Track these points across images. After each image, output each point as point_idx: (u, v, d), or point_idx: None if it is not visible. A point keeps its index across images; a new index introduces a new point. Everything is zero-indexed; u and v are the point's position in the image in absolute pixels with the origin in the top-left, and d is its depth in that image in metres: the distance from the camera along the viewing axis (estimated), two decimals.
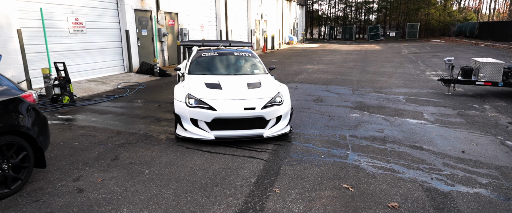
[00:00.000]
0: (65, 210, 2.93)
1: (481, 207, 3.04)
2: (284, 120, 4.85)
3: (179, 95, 4.77)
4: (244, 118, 4.56)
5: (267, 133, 4.67)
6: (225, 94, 4.78)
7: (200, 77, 5.41)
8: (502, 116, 6.10)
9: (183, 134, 4.62)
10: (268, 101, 4.73)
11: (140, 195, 3.22)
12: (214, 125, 4.52)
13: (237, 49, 6.41)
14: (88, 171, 3.72)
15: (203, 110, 4.52)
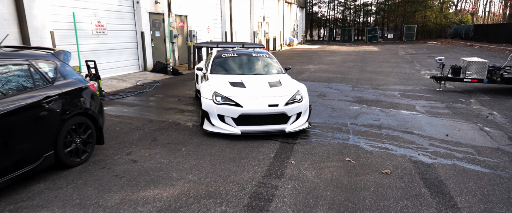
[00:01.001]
0: (128, 173, 3.71)
1: (456, 173, 3.83)
2: (303, 116, 5.19)
3: (206, 93, 5.10)
4: (268, 114, 4.89)
5: (289, 128, 5.00)
6: (249, 92, 5.12)
7: (224, 76, 5.75)
8: (484, 108, 6.91)
9: (210, 129, 4.97)
10: (289, 98, 5.05)
11: (183, 164, 3.99)
12: (240, 120, 4.86)
13: (254, 50, 6.80)
14: (136, 148, 4.50)
15: (230, 106, 4.87)
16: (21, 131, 3.12)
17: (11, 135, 3.03)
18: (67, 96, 3.66)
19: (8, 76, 3.20)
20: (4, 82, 3.14)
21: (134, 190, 3.35)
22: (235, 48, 7.14)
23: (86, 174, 3.68)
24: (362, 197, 3.28)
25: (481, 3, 50.06)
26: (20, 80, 3.29)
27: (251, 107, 4.87)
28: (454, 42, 31.49)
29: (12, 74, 3.25)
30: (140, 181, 3.55)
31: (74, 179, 3.55)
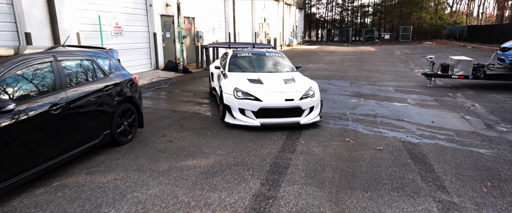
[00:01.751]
0: (168, 149, 4.52)
1: (437, 150, 4.67)
2: (316, 110, 5.70)
3: (227, 89, 5.56)
4: (284, 108, 5.38)
5: (303, 120, 5.49)
6: (267, 88, 5.58)
7: (242, 74, 6.23)
8: (468, 100, 7.77)
9: (232, 122, 5.44)
10: (303, 94, 5.54)
11: (211, 143, 4.81)
12: (259, 113, 5.35)
13: (267, 50, 7.35)
14: (168, 132, 5.31)
15: (250, 101, 5.34)
16: (89, 112, 3.92)
17: (84, 115, 3.84)
18: (118, 86, 4.48)
19: (79, 69, 4.00)
20: (77, 73, 3.94)
21: (176, 160, 4.16)
22: (247, 48, 7.86)
23: (135, 150, 4.49)
24: (359, 165, 4.11)
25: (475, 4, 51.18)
26: (87, 72, 4.10)
27: (270, 101, 5.36)
28: (448, 42, 32.46)
29: (82, 67, 4.05)
30: (179, 154, 4.36)
31: (126, 153, 4.36)
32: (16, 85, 3.16)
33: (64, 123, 3.54)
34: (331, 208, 3.10)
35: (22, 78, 3.24)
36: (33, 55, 3.42)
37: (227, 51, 7.46)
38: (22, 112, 3.07)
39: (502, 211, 3.07)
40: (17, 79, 3.18)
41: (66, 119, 3.56)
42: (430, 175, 3.84)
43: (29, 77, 3.31)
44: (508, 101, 7.55)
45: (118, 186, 3.46)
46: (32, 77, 3.35)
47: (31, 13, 7.51)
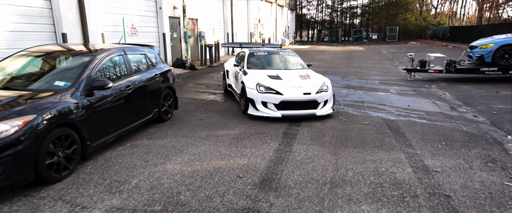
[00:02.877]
0: (201, 124, 5.76)
1: (409, 124, 6.03)
2: (329, 103, 6.31)
3: (250, 84, 6.13)
4: (302, 101, 5.97)
5: (319, 112, 6.10)
6: (286, 83, 6.13)
7: (261, 71, 6.79)
8: (440, 90, 9.21)
9: (255, 113, 6.01)
10: (319, 88, 6.11)
11: (233, 121, 6.07)
12: (280, 106, 5.91)
13: (280, 50, 8.06)
14: (196, 113, 6.55)
15: (272, 94, 5.89)
16: (146, 94, 5.15)
17: (145, 95, 5.06)
18: (162, 74, 5.70)
19: (138, 61, 5.22)
20: (137, 64, 5.16)
21: (211, 130, 5.42)
22: (259, 48, 8.36)
23: (176, 124, 5.73)
24: (350, 133, 5.43)
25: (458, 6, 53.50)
26: (143, 64, 5.33)
27: (290, 95, 5.91)
28: (432, 42, 34.34)
29: (139, 60, 5.28)
30: (211, 127, 5.62)
31: (170, 127, 5.60)
32: (107, 71, 4.38)
33: (132, 100, 4.76)
34: (331, 157, 4.41)
35: (109, 66, 4.46)
36: (113, 50, 4.65)
37: (243, 50, 8.10)
38: (113, 89, 4.30)
39: (448, 157, 4.43)
40: (107, 66, 4.40)
41: (134, 97, 4.79)
42: (402, 139, 5.19)
43: (113, 65, 4.53)
44: (472, 90, 9.02)
45: (175, 146, 4.70)
46: (114, 65, 4.57)
47: (66, 16, 8.64)
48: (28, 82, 4.01)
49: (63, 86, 3.83)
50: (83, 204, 3.10)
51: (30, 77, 4.16)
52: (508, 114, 6.50)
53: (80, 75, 3.95)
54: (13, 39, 7.59)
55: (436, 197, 3.31)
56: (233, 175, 3.76)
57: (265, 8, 28.71)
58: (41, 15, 8.21)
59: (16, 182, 3.07)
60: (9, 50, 7.48)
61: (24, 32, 7.84)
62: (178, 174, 3.77)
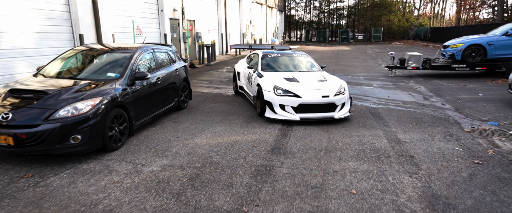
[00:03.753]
0: (214, 111, 6.80)
1: (388, 110, 7.21)
2: (346, 106, 6.18)
3: (267, 86, 6.00)
4: (321, 103, 5.85)
5: (337, 115, 5.98)
6: (303, 85, 6.03)
7: (276, 73, 6.66)
8: (417, 84, 10.47)
9: (273, 116, 5.89)
10: (336, 91, 6.01)
11: (240, 109, 7.12)
12: (298, 109, 5.81)
13: (294, 51, 8.03)
14: (207, 103, 7.58)
15: (290, 97, 5.79)
16: (170, 85, 6.14)
17: (169, 86, 6.06)
18: (180, 69, 6.71)
19: (163, 57, 6.22)
20: (162, 60, 6.16)
21: (223, 116, 6.46)
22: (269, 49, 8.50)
23: (192, 112, 6.75)
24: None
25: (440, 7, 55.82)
26: (165, 60, 6.32)
27: (309, 97, 5.82)
28: (414, 42, 36.11)
29: (164, 56, 6.27)
30: (223, 114, 6.66)
31: (188, 113, 6.61)
32: (142, 65, 5.37)
33: (160, 90, 5.75)
34: (324, 133, 5.51)
35: (144, 61, 5.45)
36: (145, 48, 5.64)
37: (255, 52, 8.05)
38: (148, 80, 5.30)
39: (416, 133, 5.59)
40: (143, 61, 5.40)
41: (161, 87, 5.78)
42: (381, 121, 6.34)
43: (146, 61, 5.53)
44: (443, 84, 10.32)
45: (197, 127, 5.72)
46: (147, 61, 5.57)
47: (83, 19, 9.52)
48: (86, 74, 4.98)
49: (114, 76, 4.82)
50: (142, 163, 4.10)
51: (86, 69, 5.12)
52: (470, 103, 7.76)
53: (125, 68, 4.94)
54: (39, 39, 8.44)
55: (404, 157, 4.45)
56: (249, 145, 4.82)
57: (256, 10, 29.81)
58: (61, 18, 9.08)
59: (91, 147, 4.06)
60: (36, 49, 8.36)
61: (48, 33, 8.70)
62: (206, 145, 4.81)
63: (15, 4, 7.81)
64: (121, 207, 3.08)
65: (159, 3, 13.88)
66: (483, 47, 10.90)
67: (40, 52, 8.41)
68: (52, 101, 3.97)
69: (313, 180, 3.70)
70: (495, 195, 3.39)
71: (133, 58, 5.17)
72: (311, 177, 3.78)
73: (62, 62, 5.32)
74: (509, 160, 4.32)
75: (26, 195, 3.28)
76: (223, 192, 3.40)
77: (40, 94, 4.09)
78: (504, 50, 10.62)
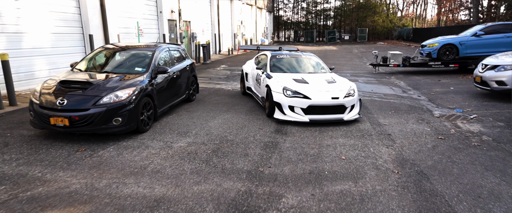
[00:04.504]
0: (220, 102, 7.70)
1: (371, 101, 8.26)
2: (356, 108, 6.15)
3: (276, 87, 6.00)
4: (330, 105, 5.82)
5: (346, 117, 5.94)
6: (313, 87, 5.98)
7: (285, 74, 6.63)
8: (397, 80, 11.62)
9: (282, 118, 5.88)
10: (346, 93, 5.98)
11: (242, 101, 8.04)
12: (307, 110, 5.78)
13: (303, 53, 8.00)
14: (212, 97, 8.47)
15: (300, 99, 5.76)
16: (183, 79, 7.01)
17: (182, 80, 6.94)
18: (190, 66, 7.59)
19: (176, 54, 7.09)
20: (175, 57, 7.03)
21: (228, 106, 7.37)
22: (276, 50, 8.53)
23: (201, 103, 7.64)
24: None
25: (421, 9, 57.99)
26: (179, 57, 7.19)
27: (318, 99, 5.78)
28: (397, 42, 37.73)
29: (176, 54, 7.14)
30: (228, 105, 7.57)
31: (197, 104, 7.50)
32: (162, 61, 6.24)
33: (175, 83, 6.62)
34: None
35: (162, 58, 6.32)
36: (163, 47, 6.51)
37: (264, 53, 8.06)
38: (169, 73, 6.17)
39: (394, 118, 6.64)
40: (162, 58, 6.27)
41: (176, 81, 6.66)
42: (365, 109, 7.37)
43: (164, 58, 6.40)
44: (421, 80, 11.50)
45: (208, 114, 6.63)
46: (165, 57, 6.44)
47: (92, 20, 10.26)
48: (117, 68, 5.82)
49: (141, 70, 5.68)
50: (170, 141, 4.99)
51: (116, 65, 5.96)
52: (442, 94, 8.90)
53: (150, 63, 5.80)
54: (55, 39, 9.17)
55: (382, 135, 5.47)
56: (256, 128, 5.76)
57: (246, 11, 30.74)
58: (73, 20, 9.81)
59: (128, 128, 4.92)
60: (53, 48, 9.09)
61: (62, 34, 9.42)
62: (220, 128, 5.72)
63: (35, 7, 8.52)
64: (165, 169, 3.97)
65: (158, 5, 14.66)
66: (455, 46, 12.13)
67: (56, 51, 9.14)
68: (97, 90, 4.82)
69: (311, 151, 4.67)
70: (449, 158, 4.44)
71: (155, 55, 6.04)
72: (309, 149, 4.75)
73: (93, 59, 6.15)
74: (465, 136, 5.40)
75: (87, 162, 4.13)
76: (241, 159, 4.33)
77: (85, 85, 4.94)
78: (474, 49, 11.88)
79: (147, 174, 3.84)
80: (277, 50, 8.33)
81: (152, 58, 5.93)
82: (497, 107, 7.27)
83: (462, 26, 26.81)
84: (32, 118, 4.87)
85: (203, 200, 3.26)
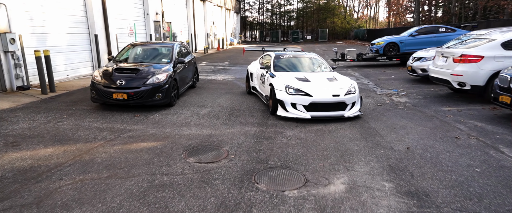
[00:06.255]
0: (217, 88, 9.77)
1: None
2: (357, 105, 6.28)
3: (279, 86, 6.23)
4: (331, 102, 5.97)
5: (347, 114, 6.09)
6: (314, 85, 6.16)
7: (288, 73, 6.85)
8: (353, 71, 14.31)
9: (285, 115, 6.07)
10: (347, 90, 6.12)
11: (235, 88, 10.15)
12: (309, 107, 5.96)
13: (305, 53, 8.34)
14: (208, 85, 10.50)
15: (302, 96, 5.94)
16: (189, 69, 8.98)
17: (189, 69, 8.91)
18: (193, 59, 9.57)
19: (183, 50, 9.04)
20: (184, 51, 8.98)
21: (226, 90, 9.45)
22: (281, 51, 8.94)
23: (202, 89, 9.66)
24: None
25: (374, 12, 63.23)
26: (186, 51, 9.15)
27: (319, 96, 5.95)
28: (354, 42, 41.58)
29: (184, 49, 9.10)
30: (225, 89, 9.64)
31: (199, 90, 9.51)
32: (177, 54, 8.20)
33: (186, 71, 8.59)
34: None
35: (178, 52, 8.28)
36: (176, 43, 8.46)
37: (268, 53, 8.26)
38: (184, 64, 8.14)
39: None
40: (177, 52, 8.23)
41: (186, 70, 8.62)
42: None
43: (179, 52, 8.37)
44: (371, 71, 14.31)
45: (212, 96, 8.67)
46: (179, 51, 8.40)
47: (97, 23, 11.81)
48: (149, 60, 7.70)
49: (166, 61, 7.62)
50: (195, 110, 7.01)
51: (145, 57, 7.83)
52: (385, 81, 11.63)
53: (172, 56, 7.75)
54: (69, 39, 10.67)
55: None
56: (253, 103, 7.92)
57: (217, 12, 32.66)
58: (82, 22, 11.33)
59: (166, 101, 6.86)
60: (68, 46, 10.61)
61: (74, 34, 10.94)
62: (226, 102, 7.81)
63: (55, 11, 10.02)
64: (203, 123, 6.02)
65: (145, 8, 16.27)
66: (397, 44, 15.12)
67: (70, 48, 10.66)
68: (143, 74, 6.73)
69: None
70: (381, 114, 6.90)
71: (174, 50, 7.99)
72: None
73: (124, 53, 7.96)
74: (395, 104, 7.97)
75: (148, 121, 6.07)
76: (250, 118, 6.48)
77: (134, 71, 6.82)
78: (410, 46, 14.92)
79: (192, 125, 5.88)
80: (282, 51, 8.75)
81: (172, 52, 7.90)
82: (420, 87, 10.06)
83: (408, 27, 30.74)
84: (93, 95, 6.67)
85: (236, 134, 5.39)
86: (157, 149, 4.64)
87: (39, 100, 7.71)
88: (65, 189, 3.46)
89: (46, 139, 5.03)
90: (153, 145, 4.81)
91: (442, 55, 8.17)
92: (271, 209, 3.10)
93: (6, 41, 7.88)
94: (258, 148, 4.74)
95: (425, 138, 5.15)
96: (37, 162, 4.15)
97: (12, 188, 3.48)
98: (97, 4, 11.81)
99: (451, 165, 4.10)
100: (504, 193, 3.39)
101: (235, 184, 3.61)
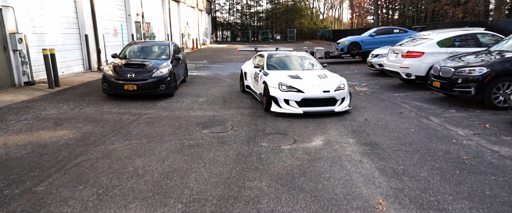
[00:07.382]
0: (205, 82, 11.02)
1: None
2: (346, 100, 6.62)
3: (272, 83, 6.50)
4: (322, 98, 6.29)
5: (337, 108, 6.41)
6: (306, 82, 6.44)
7: (281, 71, 7.14)
8: None
9: (278, 110, 6.34)
10: (336, 87, 6.43)
11: (220, 82, 11.45)
12: (301, 103, 6.26)
13: (296, 52, 8.81)
14: (196, 80, 11.70)
15: (294, 93, 6.23)
16: (181, 66, 10.16)
17: (182, 65, 10.09)
18: (184, 56, 10.74)
19: (177, 48, 10.20)
20: (177, 50, 10.14)
21: (214, 84, 10.72)
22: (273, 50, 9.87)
23: (193, 83, 10.87)
24: None
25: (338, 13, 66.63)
26: (179, 49, 10.31)
27: (311, 92, 6.24)
28: (321, 42, 44.04)
29: (177, 47, 10.26)
30: (213, 83, 10.91)
31: (191, 84, 10.71)
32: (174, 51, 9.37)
33: (180, 67, 9.76)
34: None
35: (173, 49, 9.44)
36: (171, 43, 9.63)
37: (261, 53, 8.60)
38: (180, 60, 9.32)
39: None
40: (173, 50, 9.39)
41: (180, 66, 9.80)
42: None
43: (173, 50, 9.52)
44: (337, 67, 16.13)
45: (204, 87, 9.92)
46: (173, 50, 9.56)
47: (87, 23, 12.59)
48: (149, 56, 8.80)
49: (165, 58, 8.77)
50: (194, 99, 8.26)
51: (145, 55, 8.92)
52: (349, 75, 13.42)
53: (169, 54, 8.92)
54: (63, 38, 11.42)
55: None
56: (240, 94, 9.25)
57: (190, 13, 33.52)
58: (73, 23, 12.08)
59: (168, 92, 8.05)
60: (62, 45, 11.36)
61: (67, 34, 11.69)
62: (218, 92, 9.10)
63: (51, 13, 10.76)
64: (204, 108, 7.30)
65: (127, 9, 17.04)
66: (359, 43, 17.11)
67: (64, 47, 11.41)
68: (149, 68, 7.87)
69: None
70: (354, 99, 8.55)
71: (170, 48, 9.16)
72: None
73: (126, 51, 9.01)
74: (357, 92, 9.66)
75: (157, 107, 7.24)
76: (242, 103, 7.83)
77: (141, 65, 7.94)
78: (370, 45, 16.96)
79: (196, 109, 7.15)
80: (274, 51, 9.14)
81: (169, 49, 9.07)
82: (378, 79, 11.93)
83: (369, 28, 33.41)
84: (105, 87, 7.72)
85: (234, 114, 6.74)
86: (176, 125, 5.89)
87: (50, 93, 8.56)
88: (120, 149, 4.65)
89: (81, 120, 6.10)
90: (171, 123, 6.04)
91: (393, 52, 10.01)
92: (274, 155, 4.50)
93: (15, 41, 8.64)
94: (254, 122, 6.13)
95: (378, 113, 6.80)
96: (86, 135, 5.27)
97: (79, 149, 4.61)
98: (87, 6, 12.59)
99: (395, 128, 5.73)
100: (427, 141, 5.05)
101: (244, 143, 4.98)
